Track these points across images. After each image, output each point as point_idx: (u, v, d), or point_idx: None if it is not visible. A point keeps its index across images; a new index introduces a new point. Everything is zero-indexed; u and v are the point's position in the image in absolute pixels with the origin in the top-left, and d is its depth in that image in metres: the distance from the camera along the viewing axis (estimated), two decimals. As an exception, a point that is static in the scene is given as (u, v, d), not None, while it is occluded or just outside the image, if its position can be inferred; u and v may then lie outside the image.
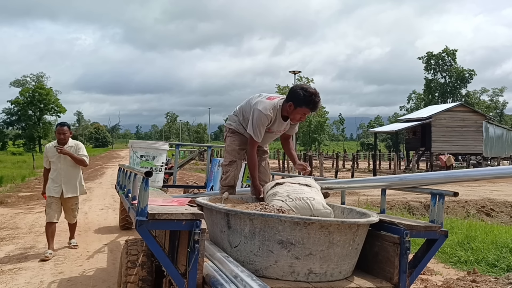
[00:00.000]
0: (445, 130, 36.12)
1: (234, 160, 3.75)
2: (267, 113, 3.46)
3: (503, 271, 5.77)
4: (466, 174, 2.94)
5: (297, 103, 3.39)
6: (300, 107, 3.40)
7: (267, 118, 3.48)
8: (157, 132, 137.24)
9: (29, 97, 65.04)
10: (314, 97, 3.36)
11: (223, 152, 3.98)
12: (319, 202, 2.94)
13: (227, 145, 3.81)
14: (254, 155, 3.61)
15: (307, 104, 3.38)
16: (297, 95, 3.37)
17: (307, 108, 3.41)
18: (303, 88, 3.40)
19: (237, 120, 3.78)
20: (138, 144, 5.31)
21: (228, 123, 3.88)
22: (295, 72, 26.11)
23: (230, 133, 3.81)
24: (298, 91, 3.38)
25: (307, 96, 3.34)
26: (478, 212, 11.78)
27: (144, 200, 2.19)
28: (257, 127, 3.49)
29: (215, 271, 2.18)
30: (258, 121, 3.48)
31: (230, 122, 3.85)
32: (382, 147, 77.99)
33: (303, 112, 3.45)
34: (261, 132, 3.52)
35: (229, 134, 3.82)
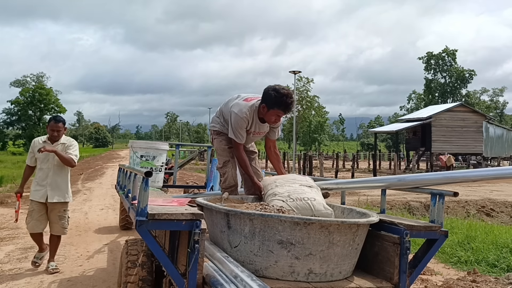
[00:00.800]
0: (445, 130, 36.13)
1: (228, 159, 3.75)
2: (242, 115, 3.47)
3: (503, 271, 5.77)
4: (464, 175, 2.93)
5: (269, 105, 3.38)
6: (272, 108, 3.39)
7: (244, 120, 3.48)
8: (157, 132, 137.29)
9: (29, 97, 65.01)
10: (285, 98, 3.33)
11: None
12: (319, 202, 2.95)
13: (217, 147, 3.82)
14: (242, 156, 3.62)
15: (278, 105, 3.35)
16: (269, 97, 3.36)
17: (279, 110, 3.39)
18: (275, 89, 3.36)
19: (219, 122, 3.80)
20: (138, 144, 5.30)
21: (212, 125, 3.89)
22: (295, 72, 26.10)
23: (216, 134, 3.82)
24: (269, 93, 3.36)
25: (278, 98, 3.32)
26: (478, 212, 11.78)
27: (144, 200, 2.19)
28: (236, 130, 3.51)
29: (215, 271, 2.18)
30: (235, 124, 3.49)
31: (213, 124, 3.86)
32: (382, 147, 78.00)
33: (276, 114, 3.43)
34: (242, 134, 3.53)
35: (215, 136, 3.82)
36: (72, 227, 8.01)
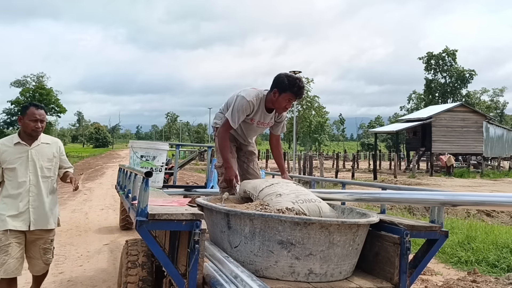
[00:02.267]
0: (445, 130, 36.12)
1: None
2: (249, 99, 3.44)
3: (504, 271, 5.77)
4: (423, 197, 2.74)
5: (281, 88, 3.39)
6: (284, 92, 3.39)
7: (249, 104, 3.44)
8: (157, 132, 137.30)
9: (29, 97, 65.04)
10: (298, 81, 3.39)
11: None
12: (325, 205, 2.94)
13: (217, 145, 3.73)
14: (226, 137, 3.55)
15: (291, 88, 3.37)
16: (282, 81, 3.39)
17: (291, 93, 3.40)
18: (286, 74, 3.43)
19: (222, 117, 3.72)
20: (139, 144, 5.30)
21: (215, 121, 3.82)
22: (295, 72, 26.14)
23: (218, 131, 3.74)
24: (282, 78, 3.40)
25: (291, 81, 3.37)
26: (478, 212, 11.77)
27: (144, 200, 2.19)
28: (237, 112, 3.46)
29: (215, 271, 2.18)
30: (239, 106, 3.44)
31: (216, 121, 3.79)
32: (382, 147, 77.97)
33: (288, 98, 3.43)
34: (239, 117, 3.48)
35: (217, 133, 3.74)
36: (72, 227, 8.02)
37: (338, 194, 3.34)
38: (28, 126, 3.64)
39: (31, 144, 3.67)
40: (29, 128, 3.64)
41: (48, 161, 3.72)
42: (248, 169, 3.91)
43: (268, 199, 2.92)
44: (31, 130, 3.64)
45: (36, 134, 3.67)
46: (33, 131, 3.65)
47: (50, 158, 3.73)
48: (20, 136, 3.68)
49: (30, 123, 3.64)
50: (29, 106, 3.73)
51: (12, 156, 3.59)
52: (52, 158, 3.75)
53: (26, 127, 3.65)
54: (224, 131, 3.55)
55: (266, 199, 2.94)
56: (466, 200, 2.56)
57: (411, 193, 2.86)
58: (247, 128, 3.72)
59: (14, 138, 3.71)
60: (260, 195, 3.03)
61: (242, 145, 3.91)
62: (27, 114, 3.66)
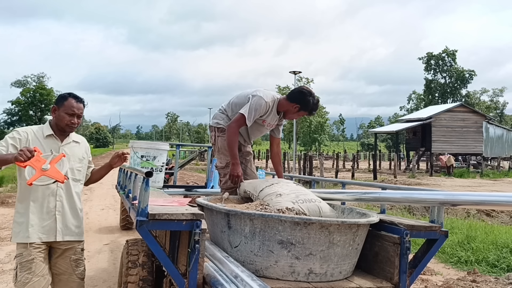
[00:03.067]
0: (445, 131, 36.13)
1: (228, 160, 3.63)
2: (267, 100, 3.52)
3: (504, 271, 5.78)
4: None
5: (304, 107, 3.55)
6: (304, 111, 3.58)
7: (267, 105, 3.52)
8: (158, 132, 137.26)
9: (30, 98, 65.11)
10: (317, 105, 3.61)
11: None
12: (325, 205, 2.95)
13: (220, 146, 3.70)
14: (237, 133, 3.55)
15: (311, 111, 3.59)
16: (307, 101, 3.52)
17: (308, 113, 3.63)
18: (311, 94, 3.55)
19: (225, 117, 3.70)
20: (139, 144, 5.30)
21: (215, 121, 3.75)
22: (296, 72, 26.14)
23: (220, 132, 3.70)
24: (308, 98, 3.53)
25: (315, 105, 3.56)
26: (478, 212, 11.77)
27: (145, 200, 2.19)
28: (254, 110, 3.49)
29: (216, 271, 2.18)
30: (257, 105, 3.48)
31: (217, 121, 3.74)
32: (382, 147, 77.96)
33: (303, 114, 3.69)
34: (255, 116, 3.51)
35: (218, 133, 3.71)
36: (73, 227, 8.02)
37: (338, 194, 3.34)
38: (63, 120, 3.07)
39: (62, 140, 3.13)
40: (63, 122, 3.08)
41: (79, 162, 3.21)
42: (246, 169, 3.90)
43: (268, 199, 2.92)
44: (65, 124, 3.08)
45: (70, 130, 3.14)
46: (68, 126, 3.09)
47: (81, 158, 3.24)
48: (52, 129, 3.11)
49: (66, 117, 3.07)
50: (67, 96, 3.14)
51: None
52: (82, 159, 3.25)
53: (60, 120, 3.08)
54: (237, 127, 3.54)
55: (266, 199, 2.94)
56: (465, 200, 2.56)
57: (411, 193, 2.86)
58: (254, 129, 3.72)
59: (45, 129, 3.11)
60: (260, 195, 3.03)
61: (241, 146, 3.90)
62: (64, 106, 3.09)
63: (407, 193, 2.93)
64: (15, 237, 3.00)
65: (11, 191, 14.68)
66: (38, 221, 2.98)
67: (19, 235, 2.98)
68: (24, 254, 2.96)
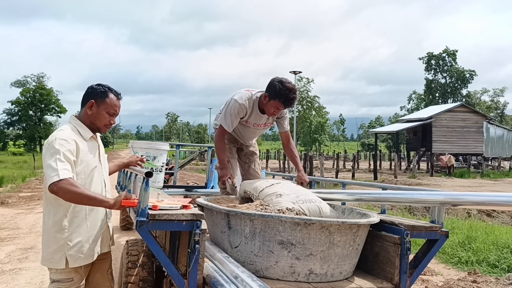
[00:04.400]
0: (445, 131, 36.12)
1: (227, 159, 3.69)
2: (241, 102, 3.41)
3: (504, 271, 5.77)
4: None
5: (271, 95, 3.33)
6: (273, 99, 3.33)
7: (241, 107, 3.42)
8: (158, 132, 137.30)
9: (29, 98, 65.12)
10: (288, 92, 3.28)
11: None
12: (325, 205, 2.94)
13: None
14: (221, 139, 3.55)
15: (279, 97, 3.30)
16: (273, 87, 3.31)
17: (279, 102, 3.33)
18: (280, 81, 3.32)
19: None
20: (139, 144, 5.30)
21: (215, 122, 3.82)
22: (296, 72, 26.16)
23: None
24: (274, 83, 3.31)
25: (281, 90, 3.27)
26: (479, 213, 11.76)
27: (145, 200, 2.19)
28: (229, 115, 3.44)
29: (216, 271, 2.18)
30: (231, 110, 3.43)
31: (216, 121, 3.79)
32: (382, 147, 77.93)
33: (276, 106, 3.37)
34: (233, 121, 3.46)
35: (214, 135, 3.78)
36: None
37: (339, 194, 3.34)
38: (103, 119, 2.66)
39: (97, 138, 2.75)
40: (102, 122, 2.66)
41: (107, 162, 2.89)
42: (249, 169, 3.91)
43: (269, 199, 2.92)
44: (104, 125, 2.68)
45: (104, 131, 2.75)
46: (106, 126, 2.70)
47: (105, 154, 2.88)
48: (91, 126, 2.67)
49: (106, 116, 2.66)
50: (107, 91, 2.67)
51: (89, 155, 2.59)
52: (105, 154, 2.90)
53: (97, 119, 2.64)
54: (220, 134, 3.56)
55: (266, 199, 2.94)
56: (466, 200, 2.56)
57: (412, 193, 2.86)
58: (244, 131, 3.73)
59: (83, 131, 2.62)
60: (261, 195, 3.03)
61: (243, 146, 3.91)
62: (105, 103, 2.64)
63: (407, 193, 2.92)
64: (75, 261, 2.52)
65: (11, 191, 14.69)
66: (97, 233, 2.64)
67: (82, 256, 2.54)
68: (75, 280, 2.57)
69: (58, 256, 2.49)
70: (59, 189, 2.30)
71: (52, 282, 2.55)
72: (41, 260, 2.58)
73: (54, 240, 2.49)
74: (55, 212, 2.51)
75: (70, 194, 2.31)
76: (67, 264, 2.49)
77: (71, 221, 2.52)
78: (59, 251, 2.49)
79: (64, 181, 2.30)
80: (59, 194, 2.33)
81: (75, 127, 2.62)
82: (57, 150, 2.40)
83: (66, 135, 2.50)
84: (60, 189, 2.29)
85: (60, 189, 2.30)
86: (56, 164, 2.34)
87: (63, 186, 2.29)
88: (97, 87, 2.68)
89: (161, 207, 2.26)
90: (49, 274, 2.57)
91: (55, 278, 2.53)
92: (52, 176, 2.31)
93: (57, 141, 2.44)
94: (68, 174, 2.34)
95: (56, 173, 2.31)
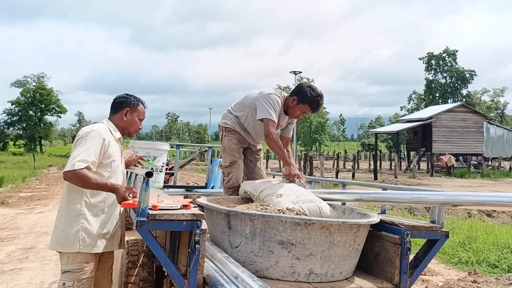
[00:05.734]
0: (446, 131, 36.12)
1: (235, 160, 3.64)
2: (279, 95, 3.49)
3: (504, 271, 5.77)
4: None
5: (301, 99, 3.44)
6: (303, 104, 3.44)
7: (279, 102, 3.47)
8: (158, 132, 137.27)
9: (30, 98, 65.17)
10: (319, 99, 3.43)
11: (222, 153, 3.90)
12: (326, 205, 2.94)
13: (226, 146, 3.69)
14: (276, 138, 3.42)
15: (310, 103, 3.43)
16: (304, 92, 3.42)
17: (309, 107, 3.46)
18: (311, 87, 3.46)
19: (232, 118, 3.68)
20: (139, 144, 5.29)
21: (223, 121, 3.76)
22: (296, 72, 26.18)
23: (227, 132, 3.69)
24: (305, 89, 3.43)
25: (313, 96, 3.41)
26: (479, 213, 11.77)
27: (145, 200, 2.19)
28: (273, 107, 3.41)
29: (216, 271, 2.18)
30: (274, 102, 3.41)
31: (225, 121, 3.74)
32: (383, 147, 77.92)
33: (304, 110, 3.48)
34: (276, 112, 3.43)
35: (225, 133, 3.70)
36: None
37: (339, 194, 3.34)
38: (135, 125, 2.94)
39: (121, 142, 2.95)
40: (134, 127, 2.94)
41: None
42: (254, 168, 3.87)
43: (269, 200, 2.92)
44: (135, 130, 2.96)
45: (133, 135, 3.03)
46: (136, 131, 2.98)
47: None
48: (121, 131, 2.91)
49: (138, 122, 2.95)
50: (140, 100, 2.98)
51: (116, 153, 2.80)
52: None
53: (131, 125, 2.92)
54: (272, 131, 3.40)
55: (266, 200, 2.94)
56: (466, 200, 2.56)
57: (412, 193, 2.86)
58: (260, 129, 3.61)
59: (115, 131, 2.85)
60: (261, 196, 3.03)
61: (251, 145, 3.87)
62: (137, 111, 2.94)
63: (407, 193, 2.92)
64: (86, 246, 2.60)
65: (11, 191, 14.69)
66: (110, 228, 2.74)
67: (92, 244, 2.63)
68: (85, 270, 2.62)
69: (71, 239, 2.60)
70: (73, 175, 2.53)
71: (63, 273, 2.61)
72: (52, 244, 2.66)
73: (70, 224, 2.61)
74: (75, 198, 2.65)
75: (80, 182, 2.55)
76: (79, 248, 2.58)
77: (90, 209, 2.66)
78: (74, 235, 2.60)
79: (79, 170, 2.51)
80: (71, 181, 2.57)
81: (108, 127, 2.83)
82: (87, 140, 2.63)
83: (102, 129, 2.74)
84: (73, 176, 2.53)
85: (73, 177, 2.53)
86: (78, 153, 2.56)
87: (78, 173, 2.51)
88: (130, 97, 2.95)
89: (161, 207, 2.26)
90: (61, 265, 2.65)
91: (66, 269, 2.61)
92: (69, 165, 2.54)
93: (92, 133, 2.66)
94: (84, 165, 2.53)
95: (73, 161, 2.53)
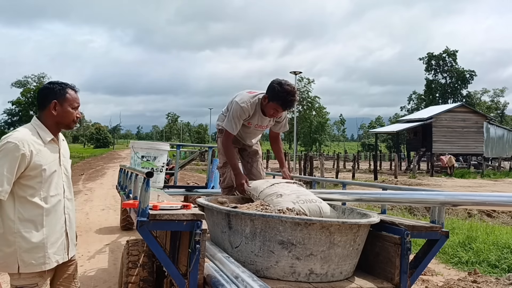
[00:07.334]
0: (446, 131, 36.12)
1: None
2: (242, 105, 3.43)
3: (504, 271, 5.77)
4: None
5: (270, 97, 3.37)
6: (272, 101, 3.36)
7: (243, 110, 3.44)
8: (158, 132, 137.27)
9: (30, 98, 65.14)
10: (286, 95, 3.30)
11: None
12: (326, 205, 2.94)
13: (219, 147, 3.76)
14: (229, 145, 3.55)
15: (277, 99, 3.33)
16: (272, 89, 3.34)
17: (277, 104, 3.36)
18: (280, 83, 3.33)
19: (224, 119, 3.72)
20: (139, 144, 5.30)
21: (217, 123, 3.84)
22: (296, 72, 26.15)
23: (220, 133, 3.76)
24: (274, 85, 3.34)
25: (280, 92, 3.30)
26: (479, 213, 11.76)
27: (145, 200, 2.19)
28: (232, 119, 3.46)
29: (216, 271, 2.18)
30: (234, 113, 3.45)
31: (219, 122, 3.82)
32: (383, 147, 77.89)
33: (275, 108, 3.39)
34: (236, 124, 3.48)
35: (219, 134, 3.77)
36: (73, 227, 8.02)
37: (339, 194, 3.34)
38: (70, 115, 2.56)
39: (58, 141, 2.60)
40: (70, 118, 2.56)
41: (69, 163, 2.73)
42: (252, 169, 3.90)
43: (269, 200, 2.93)
44: (72, 121, 2.58)
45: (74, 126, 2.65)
46: (74, 122, 2.59)
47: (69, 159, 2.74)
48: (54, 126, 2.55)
49: (71, 112, 2.56)
50: (65, 87, 2.56)
51: (47, 159, 2.45)
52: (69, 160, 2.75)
53: (65, 117, 2.55)
54: (226, 139, 3.57)
55: (267, 200, 2.95)
56: (466, 200, 2.56)
57: (412, 193, 2.86)
58: (245, 131, 3.73)
59: (43, 133, 2.49)
60: (261, 196, 3.04)
61: (246, 146, 3.91)
62: (67, 99, 2.53)
63: (407, 193, 2.93)
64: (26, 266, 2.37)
65: (11, 191, 14.67)
66: (54, 240, 2.48)
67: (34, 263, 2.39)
68: (39, 285, 2.43)
69: (11, 260, 2.36)
70: None
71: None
72: None
73: (7, 243, 2.36)
74: (8, 214, 2.36)
75: None
76: (18, 270, 2.36)
77: (25, 226, 2.37)
78: (12, 255, 2.36)
79: None
80: None
81: (35, 128, 2.50)
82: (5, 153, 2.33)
83: (21, 137, 2.39)
84: None
85: None
86: None
87: None
88: (53, 86, 2.56)
89: (162, 207, 2.26)
90: (10, 280, 2.44)
91: (17, 284, 2.40)
92: None
93: (6, 146, 2.34)
94: None
95: None
